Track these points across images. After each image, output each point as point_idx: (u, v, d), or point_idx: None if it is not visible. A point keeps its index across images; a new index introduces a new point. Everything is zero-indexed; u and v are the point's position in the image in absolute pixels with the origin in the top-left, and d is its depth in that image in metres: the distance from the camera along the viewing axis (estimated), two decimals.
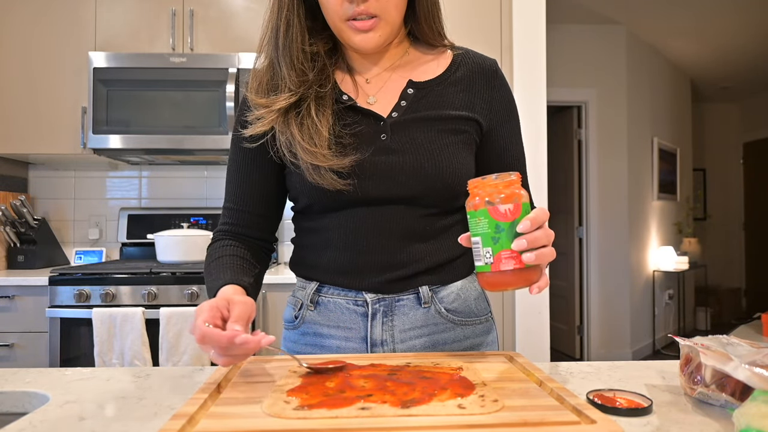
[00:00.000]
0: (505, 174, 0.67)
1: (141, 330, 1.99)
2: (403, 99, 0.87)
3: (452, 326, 0.89)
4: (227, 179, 0.94)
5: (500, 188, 0.66)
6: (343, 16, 0.81)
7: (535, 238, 0.65)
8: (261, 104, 0.85)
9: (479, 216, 0.66)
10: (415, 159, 0.83)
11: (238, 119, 0.91)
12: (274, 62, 0.86)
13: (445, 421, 0.53)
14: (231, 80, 2.26)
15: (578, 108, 4.43)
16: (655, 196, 4.84)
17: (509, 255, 0.65)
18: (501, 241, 0.65)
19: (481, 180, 0.67)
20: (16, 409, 0.73)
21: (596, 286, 4.36)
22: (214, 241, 0.94)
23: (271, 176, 0.92)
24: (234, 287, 0.80)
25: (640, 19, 4.25)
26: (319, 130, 0.82)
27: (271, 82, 0.87)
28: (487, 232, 0.66)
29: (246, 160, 0.91)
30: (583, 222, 4.44)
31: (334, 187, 0.82)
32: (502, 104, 0.92)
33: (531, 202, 0.72)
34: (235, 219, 0.93)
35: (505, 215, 0.65)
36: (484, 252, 0.66)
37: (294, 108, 0.84)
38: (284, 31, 0.84)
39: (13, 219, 2.45)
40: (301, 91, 0.84)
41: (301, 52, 0.85)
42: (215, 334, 0.64)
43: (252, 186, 0.91)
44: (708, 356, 0.63)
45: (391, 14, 0.81)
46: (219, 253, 0.89)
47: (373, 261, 0.85)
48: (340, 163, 0.81)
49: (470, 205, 0.68)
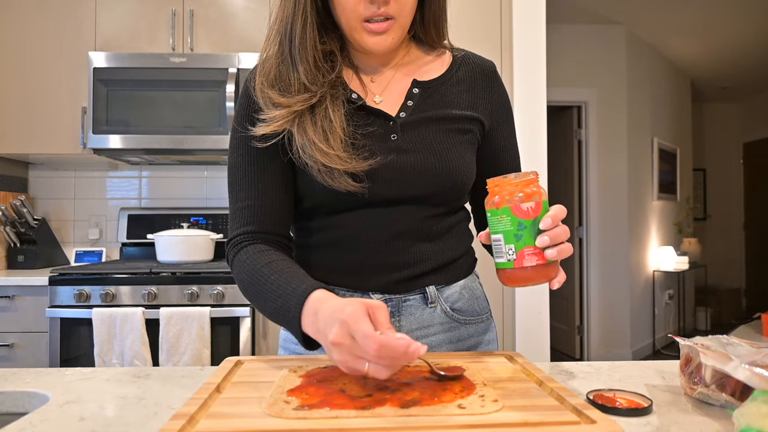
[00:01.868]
0: (524, 173, 0.68)
1: (141, 330, 1.99)
2: (409, 99, 0.87)
3: (457, 325, 0.90)
4: (235, 179, 0.86)
5: (521, 187, 0.68)
6: (360, 16, 0.79)
7: (556, 235, 0.67)
8: (281, 103, 0.81)
9: (501, 214, 0.68)
10: (426, 159, 0.83)
11: (246, 117, 0.85)
12: (287, 59, 0.83)
13: (445, 421, 0.53)
14: (231, 80, 2.26)
15: (578, 108, 4.43)
16: (655, 196, 4.84)
17: (532, 252, 0.67)
18: (524, 239, 0.67)
19: (502, 179, 0.69)
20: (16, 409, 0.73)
21: (596, 286, 4.36)
22: (239, 249, 0.84)
23: (288, 168, 0.86)
24: (323, 291, 0.71)
25: (640, 19, 4.25)
26: (335, 131, 0.80)
27: (281, 77, 0.84)
28: (509, 230, 0.67)
29: (259, 155, 0.85)
30: (583, 222, 4.44)
31: (347, 189, 0.80)
32: (501, 105, 0.94)
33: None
34: (259, 216, 0.84)
35: (527, 213, 0.67)
36: (507, 249, 0.68)
37: (310, 109, 0.82)
38: (301, 26, 0.82)
39: (13, 219, 2.45)
40: (319, 92, 0.82)
41: (315, 49, 0.83)
42: (395, 343, 0.57)
43: (273, 177, 0.85)
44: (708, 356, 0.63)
45: (405, 17, 0.82)
46: (265, 260, 0.79)
47: (380, 261, 0.85)
48: (359, 166, 0.80)
49: (491, 203, 0.69)
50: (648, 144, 4.72)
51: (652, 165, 4.78)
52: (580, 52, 4.34)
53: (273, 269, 0.77)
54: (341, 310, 0.61)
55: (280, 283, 0.75)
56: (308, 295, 0.70)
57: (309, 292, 0.70)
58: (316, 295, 0.69)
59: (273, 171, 0.85)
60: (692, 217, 5.84)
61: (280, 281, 0.75)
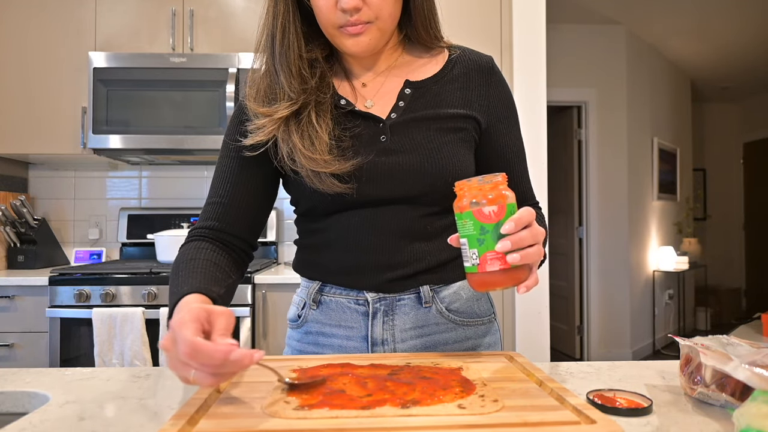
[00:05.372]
0: (491, 176, 0.67)
1: (141, 330, 1.99)
2: (401, 99, 0.87)
3: (453, 326, 0.89)
4: (214, 178, 0.90)
5: (485, 190, 0.67)
6: (335, 23, 0.81)
7: (520, 239, 0.65)
8: (262, 113, 0.84)
9: (465, 218, 0.67)
10: (415, 159, 0.83)
11: (236, 128, 0.89)
12: (271, 70, 0.85)
13: (445, 421, 0.53)
14: (231, 80, 2.26)
15: (578, 108, 4.43)
16: (655, 196, 4.84)
17: (494, 256, 0.66)
18: (486, 243, 0.66)
19: (466, 182, 0.68)
20: (16, 409, 0.73)
21: (596, 286, 4.36)
22: (189, 240, 0.87)
23: (268, 178, 0.90)
24: (199, 296, 0.72)
25: (640, 19, 4.24)
26: (320, 135, 0.81)
27: (269, 89, 0.86)
28: (473, 234, 0.67)
29: (240, 159, 0.88)
30: (583, 222, 4.44)
31: (334, 191, 0.81)
32: (500, 101, 0.92)
33: (537, 205, 0.72)
34: (220, 215, 0.87)
35: (489, 217, 0.66)
36: (471, 253, 0.68)
37: (295, 116, 0.83)
38: (280, 38, 0.84)
39: (13, 219, 2.45)
40: (301, 99, 0.83)
41: (299, 58, 0.84)
42: (210, 348, 0.55)
43: (246, 181, 0.88)
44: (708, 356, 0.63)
45: (384, 20, 0.82)
46: (192, 255, 0.81)
47: (374, 261, 0.85)
48: (341, 168, 0.81)
49: (457, 206, 0.69)
50: (648, 144, 4.72)
51: (652, 165, 4.78)
52: (580, 52, 4.34)
53: (191, 266, 0.79)
54: (175, 316, 0.63)
55: (185, 279, 0.76)
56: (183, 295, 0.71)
57: (187, 293, 0.71)
58: (184, 299, 0.70)
59: (248, 176, 0.89)
60: (692, 217, 5.84)
61: (186, 277, 0.76)
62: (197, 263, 0.79)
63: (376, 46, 0.84)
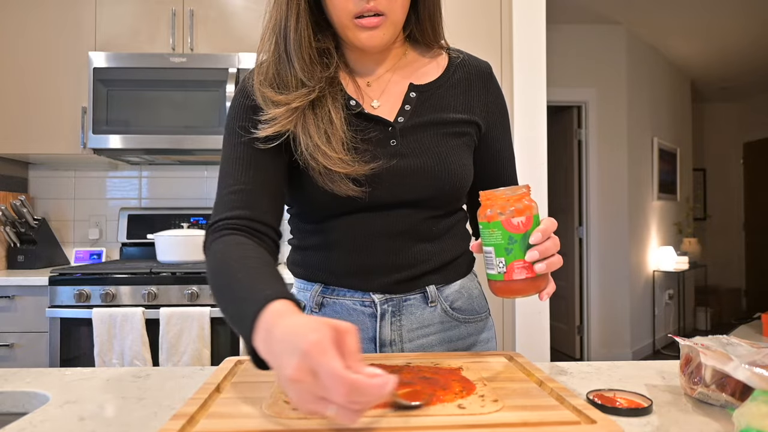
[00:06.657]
0: (517, 187, 0.69)
1: (141, 330, 1.99)
2: (407, 103, 0.87)
3: (457, 324, 0.90)
4: (226, 168, 0.82)
5: (513, 201, 0.68)
6: (351, 12, 0.79)
7: (546, 249, 0.67)
8: (280, 101, 0.79)
9: (493, 227, 0.68)
10: (426, 163, 0.84)
11: (247, 120, 0.82)
12: (283, 57, 0.82)
13: (445, 421, 0.53)
14: (231, 80, 2.26)
15: (578, 108, 4.43)
16: (655, 196, 4.84)
17: (522, 265, 0.67)
18: (514, 252, 0.67)
19: (494, 192, 0.69)
20: (16, 409, 0.73)
21: (596, 286, 4.36)
22: (218, 233, 0.76)
23: (283, 166, 0.83)
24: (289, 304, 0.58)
25: (640, 19, 4.24)
26: (336, 132, 0.80)
27: (277, 76, 0.82)
28: (500, 243, 0.68)
29: (256, 146, 0.81)
30: (583, 222, 4.44)
31: (346, 193, 0.80)
32: (497, 107, 0.94)
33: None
34: (250, 203, 0.78)
35: (518, 227, 0.67)
36: (497, 261, 0.68)
37: (311, 107, 0.81)
38: (294, 25, 0.81)
39: (13, 219, 2.45)
40: (317, 88, 0.80)
41: (311, 48, 0.82)
42: (369, 386, 0.46)
43: (269, 165, 0.81)
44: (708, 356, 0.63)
45: (396, 13, 0.81)
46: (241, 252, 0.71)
47: (380, 262, 0.85)
48: (359, 170, 0.80)
49: (483, 216, 0.69)
50: (648, 144, 4.72)
51: (652, 165, 4.78)
52: (580, 52, 4.33)
53: (243, 266, 0.67)
54: (303, 336, 0.48)
55: (244, 285, 0.64)
56: (267, 304, 0.57)
57: (269, 300, 0.57)
58: (274, 307, 0.57)
59: (269, 160, 0.81)
60: (692, 217, 5.84)
61: (244, 282, 0.64)
62: (251, 261, 0.68)
63: (389, 40, 0.83)
